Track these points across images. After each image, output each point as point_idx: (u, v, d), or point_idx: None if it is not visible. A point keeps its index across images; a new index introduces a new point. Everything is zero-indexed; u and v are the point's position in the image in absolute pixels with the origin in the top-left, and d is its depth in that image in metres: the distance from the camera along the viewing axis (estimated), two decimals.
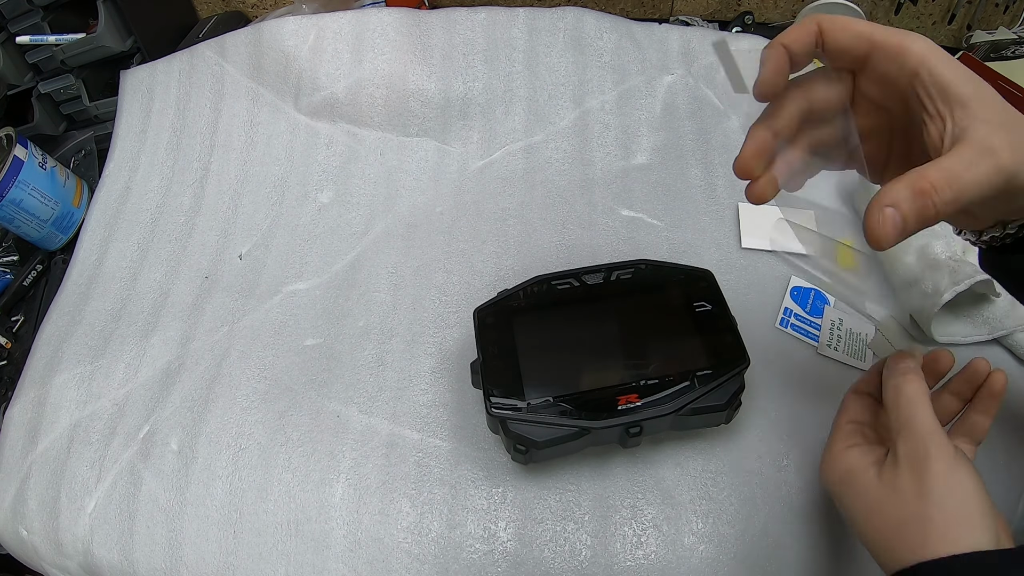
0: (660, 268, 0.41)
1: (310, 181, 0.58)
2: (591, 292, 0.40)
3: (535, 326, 0.39)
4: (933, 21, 0.76)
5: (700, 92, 0.60)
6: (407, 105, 0.59)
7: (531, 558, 0.39)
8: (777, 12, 0.78)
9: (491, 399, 0.36)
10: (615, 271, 0.41)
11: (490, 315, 0.40)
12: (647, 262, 0.41)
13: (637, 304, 0.40)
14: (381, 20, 0.60)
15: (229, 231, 0.56)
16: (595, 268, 0.41)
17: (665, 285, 0.41)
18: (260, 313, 0.51)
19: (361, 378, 0.46)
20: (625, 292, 0.40)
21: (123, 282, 0.54)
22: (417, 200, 0.57)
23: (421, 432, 0.43)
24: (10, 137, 0.57)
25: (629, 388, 0.37)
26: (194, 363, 0.48)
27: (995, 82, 0.64)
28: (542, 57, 0.60)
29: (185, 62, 0.63)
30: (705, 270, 0.41)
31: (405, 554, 0.39)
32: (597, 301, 0.40)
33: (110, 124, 0.64)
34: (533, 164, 0.58)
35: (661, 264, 0.41)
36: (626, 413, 0.36)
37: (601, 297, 0.40)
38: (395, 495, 0.41)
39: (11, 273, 0.62)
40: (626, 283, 0.40)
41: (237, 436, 0.44)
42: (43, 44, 0.66)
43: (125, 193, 0.59)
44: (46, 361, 0.50)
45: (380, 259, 0.53)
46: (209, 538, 0.41)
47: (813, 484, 0.40)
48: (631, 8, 0.78)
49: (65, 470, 0.44)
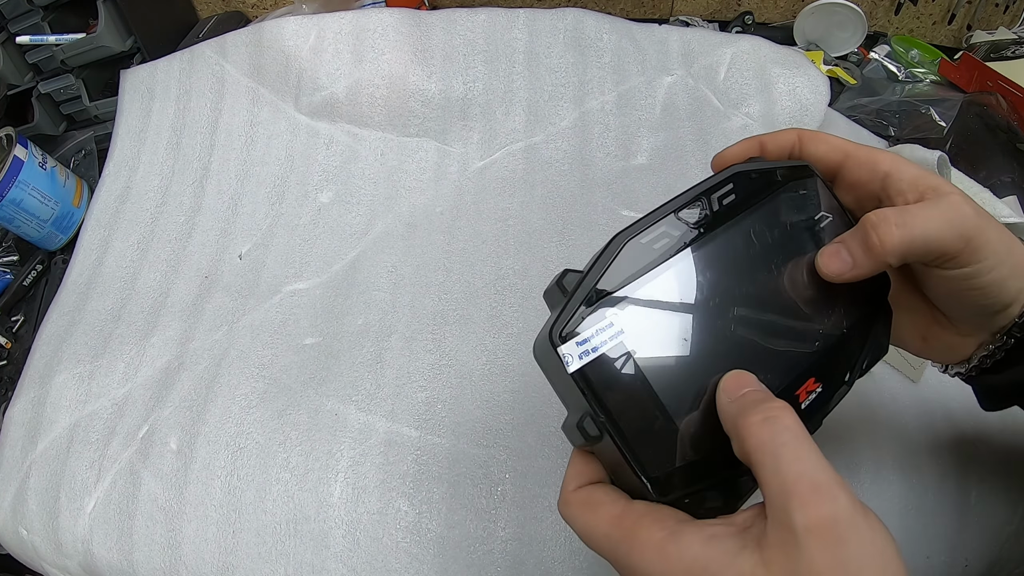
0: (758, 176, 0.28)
1: (310, 181, 0.58)
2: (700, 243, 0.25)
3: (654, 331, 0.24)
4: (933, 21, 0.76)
5: (700, 93, 0.60)
6: (407, 105, 0.59)
7: (531, 557, 0.39)
8: (777, 12, 0.78)
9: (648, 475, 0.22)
10: (713, 195, 0.26)
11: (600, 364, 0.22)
12: (739, 172, 0.27)
13: (763, 243, 0.27)
14: (381, 20, 0.60)
15: (229, 231, 0.56)
16: (686, 197, 0.26)
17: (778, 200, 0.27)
18: (260, 313, 0.51)
19: (359, 376, 0.46)
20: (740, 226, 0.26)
21: (123, 282, 0.54)
22: (417, 200, 0.57)
23: (420, 430, 0.43)
24: (10, 137, 0.57)
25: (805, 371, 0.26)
26: (193, 363, 0.48)
27: (995, 82, 0.64)
28: (542, 58, 0.60)
29: (185, 62, 0.63)
30: (803, 164, 0.29)
31: (404, 553, 0.39)
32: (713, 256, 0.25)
33: (110, 124, 0.64)
34: (533, 164, 0.58)
35: (755, 170, 0.28)
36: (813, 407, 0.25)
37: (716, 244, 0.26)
38: (393, 494, 0.41)
39: (11, 273, 0.62)
40: (734, 209, 0.26)
41: (236, 435, 0.44)
42: (43, 44, 0.66)
43: (125, 193, 0.59)
44: (46, 361, 0.50)
45: (380, 259, 0.53)
46: (208, 538, 0.41)
47: None
48: (631, 8, 0.78)
49: (65, 470, 0.44)
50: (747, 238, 0.26)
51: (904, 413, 0.42)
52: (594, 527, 0.22)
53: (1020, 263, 0.26)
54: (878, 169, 0.27)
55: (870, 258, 0.25)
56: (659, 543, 0.20)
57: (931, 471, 0.40)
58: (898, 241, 0.24)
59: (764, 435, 0.20)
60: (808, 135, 0.28)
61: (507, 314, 0.48)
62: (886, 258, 0.25)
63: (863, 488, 0.40)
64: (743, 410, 0.21)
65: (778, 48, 0.61)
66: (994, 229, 0.25)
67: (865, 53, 0.72)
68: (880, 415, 0.42)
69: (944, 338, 0.30)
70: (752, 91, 0.59)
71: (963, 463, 0.40)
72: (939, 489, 0.40)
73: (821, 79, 0.59)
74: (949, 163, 0.49)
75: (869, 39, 0.73)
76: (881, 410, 0.42)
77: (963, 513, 0.40)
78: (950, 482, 0.40)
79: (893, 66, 0.71)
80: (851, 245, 0.25)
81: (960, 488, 0.40)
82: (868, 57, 0.72)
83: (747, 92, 0.59)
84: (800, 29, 0.72)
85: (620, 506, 0.22)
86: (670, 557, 0.20)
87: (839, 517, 0.18)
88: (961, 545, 0.40)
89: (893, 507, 0.40)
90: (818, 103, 0.58)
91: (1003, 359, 0.28)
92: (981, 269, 0.25)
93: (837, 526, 0.18)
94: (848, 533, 0.18)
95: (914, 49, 0.72)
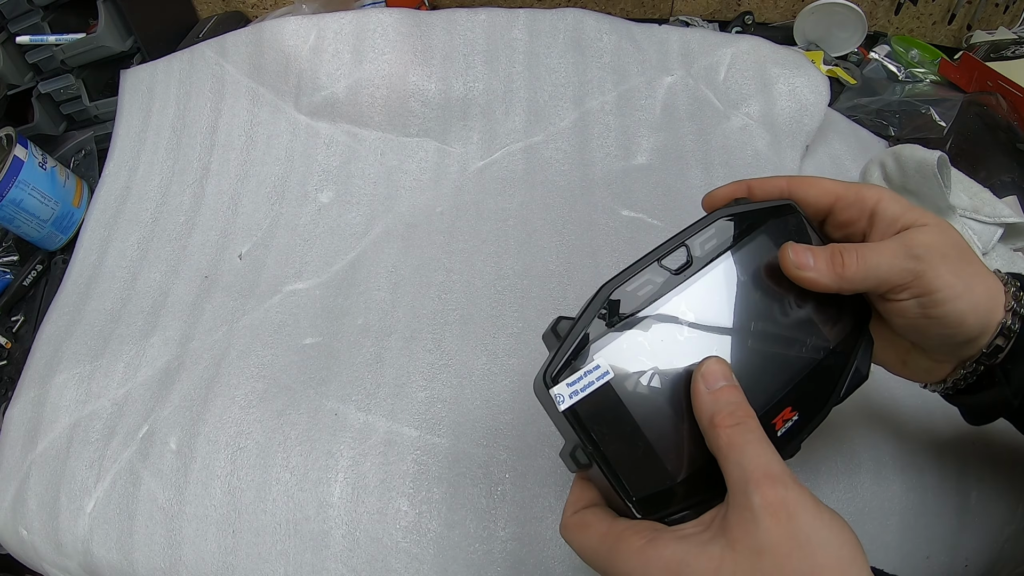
0: (742, 219, 0.29)
1: (310, 181, 0.58)
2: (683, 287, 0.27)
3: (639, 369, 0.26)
4: (933, 21, 0.76)
5: (700, 93, 0.60)
6: (407, 105, 0.59)
7: (531, 557, 0.39)
8: (777, 12, 0.78)
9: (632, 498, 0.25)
10: (695, 239, 0.28)
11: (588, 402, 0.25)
12: (720, 216, 0.29)
13: (744, 281, 0.28)
14: (381, 20, 0.60)
15: (229, 231, 0.56)
16: (668, 247, 0.28)
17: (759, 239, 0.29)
18: (259, 313, 0.51)
19: (359, 376, 0.46)
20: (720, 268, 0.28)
21: (123, 282, 0.54)
22: (417, 200, 0.57)
23: (419, 429, 0.43)
24: (10, 137, 0.57)
25: (781, 401, 0.27)
26: (193, 363, 0.48)
27: (995, 82, 0.64)
28: (542, 58, 0.60)
29: (185, 62, 0.63)
30: (787, 203, 0.30)
31: (404, 553, 0.39)
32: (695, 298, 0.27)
33: (110, 124, 0.64)
34: (533, 164, 0.58)
35: (739, 213, 0.29)
36: (788, 435, 0.27)
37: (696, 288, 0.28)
38: (393, 494, 0.41)
39: (11, 273, 0.62)
40: (715, 251, 0.28)
41: (236, 435, 0.44)
42: (43, 44, 0.66)
43: (125, 193, 0.59)
44: (46, 361, 0.50)
45: (380, 259, 0.53)
46: (208, 538, 0.41)
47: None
48: (631, 8, 0.78)
49: (64, 470, 0.44)
50: (728, 278, 0.28)
51: (904, 413, 0.42)
52: (586, 545, 0.25)
53: (980, 299, 0.28)
54: (865, 207, 0.29)
55: (829, 272, 0.27)
56: (639, 548, 0.23)
57: (931, 471, 0.40)
58: (854, 270, 0.27)
59: (734, 436, 0.24)
60: (797, 180, 0.30)
61: (507, 314, 0.48)
62: (843, 282, 0.27)
63: (863, 488, 0.40)
64: (718, 411, 0.24)
65: (778, 48, 0.61)
66: (951, 264, 0.27)
67: (865, 53, 0.72)
68: (880, 415, 0.42)
69: (921, 363, 0.32)
70: (752, 91, 0.59)
71: (963, 463, 0.40)
72: (939, 489, 0.40)
73: (821, 79, 0.59)
74: (949, 163, 0.49)
75: (869, 39, 0.73)
76: (881, 410, 0.42)
77: (963, 513, 0.40)
78: (950, 482, 0.40)
79: (893, 66, 0.71)
80: (817, 254, 0.28)
81: (960, 488, 0.40)
82: (868, 57, 0.72)
83: (747, 92, 0.59)
84: (800, 29, 0.72)
85: (607, 524, 0.25)
86: (650, 559, 0.23)
87: (789, 497, 0.22)
88: (961, 545, 0.40)
89: (893, 507, 0.40)
90: (818, 103, 0.58)
91: (975, 383, 0.31)
92: (934, 300, 0.27)
93: (788, 504, 0.22)
94: (797, 509, 0.22)
95: (914, 49, 0.72)
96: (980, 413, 0.32)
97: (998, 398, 0.30)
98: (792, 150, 0.58)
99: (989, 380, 0.30)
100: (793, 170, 0.57)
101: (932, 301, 0.28)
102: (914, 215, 0.28)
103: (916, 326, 0.29)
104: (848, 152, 0.61)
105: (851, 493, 0.40)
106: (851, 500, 0.40)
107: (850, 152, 0.61)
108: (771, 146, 0.58)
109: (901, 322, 0.29)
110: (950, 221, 0.48)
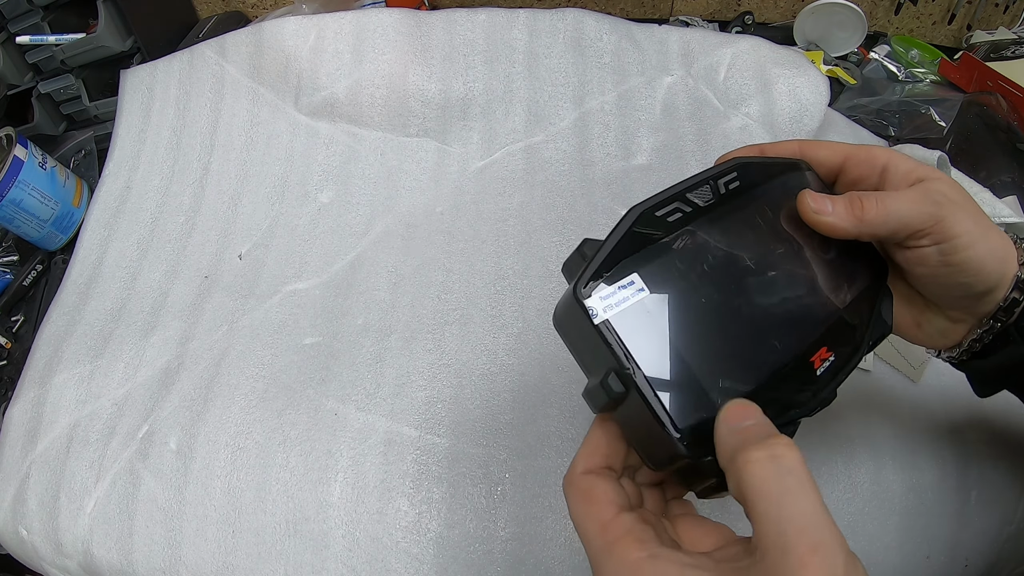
0: (759, 167, 0.30)
1: (310, 181, 0.58)
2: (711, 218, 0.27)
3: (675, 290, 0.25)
4: (933, 21, 0.76)
5: (700, 93, 0.60)
6: (407, 105, 0.59)
7: (531, 557, 0.39)
8: (777, 12, 0.78)
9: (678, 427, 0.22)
10: (720, 180, 0.28)
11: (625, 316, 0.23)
12: (741, 163, 0.29)
13: (768, 222, 0.28)
14: (381, 20, 0.60)
15: (229, 231, 0.56)
16: (694, 182, 0.28)
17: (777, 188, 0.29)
18: (259, 313, 0.51)
19: (359, 376, 0.46)
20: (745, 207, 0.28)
21: (123, 282, 0.54)
22: (417, 200, 0.57)
23: (419, 429, 0.43)
24: (10, 137, 0.57)
25: (818, 340, 0.26)
26: (193, 363, 0.48)
27: (995, 82, 0.64)
28: (542, 58, 0.60)
29: (185, 62, 0.63)
30: (796, 160, 0.31)
31: (404, 553, 0.39)
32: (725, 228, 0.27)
33: (110, 124, 0.64)
34: (533, 164, 0.58)
35: (755, 161, 0.30)
36: (827, 376, 0.26)
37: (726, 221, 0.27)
38: (393, 494, 0.41)
39: (11, 273, 0.62)
40: (739, 194, 0.28)
41: (236, 435, 0.44)
42: (43, 44, 0.66)
43: (125, 193, 0.59)
44: (46, 361, 0.50)
45: (380, 259, 0.53)
46: (208, 538, 0.41)
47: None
48: (631, 8, 0.78)
49: (64, 470, 0.44)
50: (753, 217, 0.28)
51: (904, 413, 0.42)
52: (582, 521, 0.22)
53: (997, 246, 0.28)
54: (876, 164, 0.29)
55: (848, 217, 0.27)
56: (635, 562, 0.20)
57: (931, 471, 0.40)
58: (874, 214, 0.27)
59: (767, 475, 0.19)
60: (808, 143, 0.31)
61: (507, 314, 0.48)
62: (862, 226, 0.27)
63: (863, 488, 0.40)
64: (745, 443, 0.20)
65: (778, 48, 0.61)
66: (969, 212, 0.27)
67: (865, 53, 0.72)
68: (880, 415, 0.42)
69: (936, 324, 0.31)
70: (752, 91, 0.59)
71: (963, 463, 0.40)
72: (939, 489, 0.40)
73: (821, 79, 0.59)
74: (949, 163, 0.49)
75: (869, 39, 0.73)
76: (881, 410, 0.42)
77: (963, 513, 0.40)
78: (950, 482, 0.40)
79: (893, 66, 0.71)
80: (835, 200, 0.28)
81: (960, 488, 0.40)
82: (868, 57, 0.72)
83: (747, 92, 0.59)
84: (800, 29, 0.72)
85: (611, 512, 0.22)
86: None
87: (830, 565, 0.18)
88: (961, 545, 0.40)
89: (893, 507, 0.40)
90: (818, 103, 0.58)
91: (990, 343, 0.30)
92: (955, 246, 0.27)
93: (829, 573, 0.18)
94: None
95: (914, 49, 0.72)
96: (991, 380, 0.31)
97: (1014, 357, 0.30)
98: None
99: (1003, 340, 0.30)
100: None
101: (952, 247, 0.27)
102: (926, 170, 0.29)
103: (936, 275, 0.29)
104: None
105: (851, 493, 0.40)
106: (851, 500, 0.40)
107: None
108: None
109: (921, 271, 0.29)
110: None
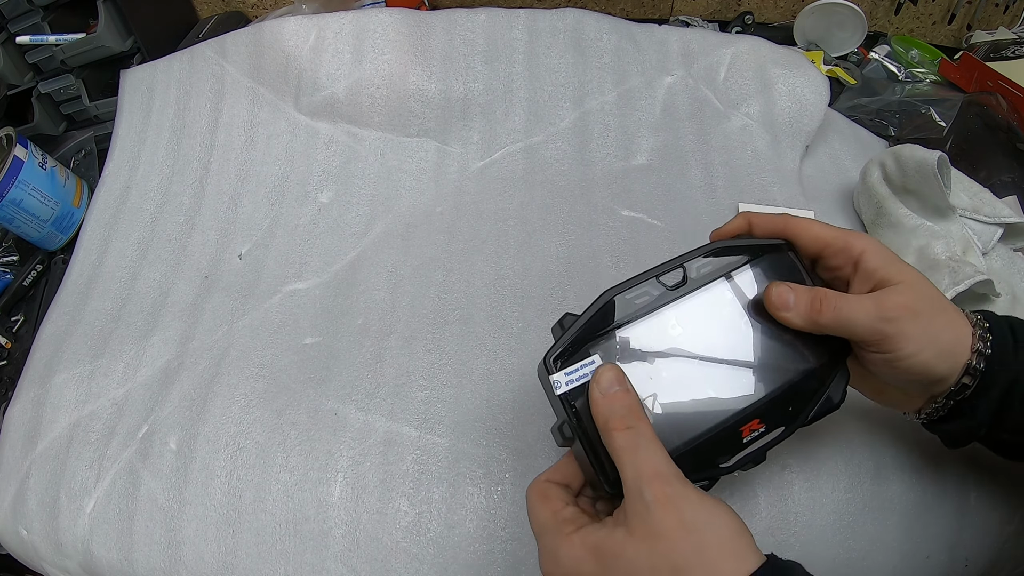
0: (740, 251, 0.33)
1: (310, 181, 0.58)
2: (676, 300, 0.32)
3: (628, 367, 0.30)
4: (933, 21, 0.76)
5: (700, 93, 0.60)
6: (407, 105, 0.59)
7: (531, 557, 0.39)
8: (777, 12, 0.78)
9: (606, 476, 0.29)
10: (693, 262, 0.32)
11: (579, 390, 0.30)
12: (719, 247, 0.33)
13: (732, 303, 0.32)
14: (381, 20, 0.60)
15: (229, 231, 0.56)
16: (669, 265, 0.32)
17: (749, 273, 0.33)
18: (259, 313, 0.51)
19: (359, 376, 0.46)
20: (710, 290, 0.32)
21: (123, 282, 0.54)
22: (417, 200, 0.57)
23: (419, 429, 0.43)
24: (10, 137, 0.57)
25: (750, 413, 0.30)
26: (193, 363, 0.48)
27: (995, 82, 0.64)
28: (542, 58, 0.60)
29: (185, 62, 0.63)
30: (782, 242, 0.34)
31: (404, 553, 0.39)
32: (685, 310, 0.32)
33: (110, 124, 0.64)
34: (533, 165, 0.58)
35: (734, 246, 0.33)
36: (752, 442, 0.30)
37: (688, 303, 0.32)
38: (393, 494, 0.41)
39: (11, 273, 0.62)
40: (709, 277, 0.32)
41: (236, 435, 0.44)
42: (43, 44, 0.66)
43: (125, 193, 0.59)
44: (46, 361, 0.50)
45: (380, 259, 0.53)
46: (208, 538, 0.41)
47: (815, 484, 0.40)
48: (631, 8, 0.78)
49: (64, 470, 0.44)
50: (716, 300, 0.32)
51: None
52: (537, 513, 0.29)
53: (945, 347, 0.30)
54: (852, 255, 0.32)
55: (807, 315, 0.30)
56: (569, 534, 0.28)
57: (931, 471, 0.40)
58: (829, 319, 0.30)
59: (628, 440, 0.27)
60: (793, 222, 0.33)
61: (507, 314, 0.48)
62: (817, 327, 0.31)
63: (863, 488, 0.40)
64: (612, 415, 0.28)
65: (778, 48, 0.61)
66: (921, 319, 0.30)
67: (865, 53, 0.72)
68: (880, 415, 0.42)
69: (895, 395, 0.35)
70: (752, 91, 0.59)
71: (963, 464, 0.40)
72: (939, 489, 0.40)
73: (821, 79, 0.59)
74: (949, 163, 0.49)
75: (869, 39, 0.73)
76: (881, 410, 0.42)
77: (963, 513, 0.40)
78: (950, 482, 0.40)
79: (893, 66, 0.71)
80: (799, 295, 0.31)
81: (960, 488, 0.40)
82: (868, 57, 0.72)
83: (747, 92, 0.59)
84: (800, 29, 0.72)
85: (560, 504, 0.29)
86: (574, 543, 0.27)
87: (675, 492, 0.26)
88: (961, 545, 0.40)
89: (893, 507, 0.40)
90: (818, 103, 0.58)
91: (948, 414, 0.33)
92: (899, 356, 0.30)
93: (675, 498, 0.26)
94: (683, 502, 0.26)
95: (914, 49, 0.72)
96: (957, 439, 0.34)
97: (970, 427, 0.32)
98: (792, 150, 0.58)
99: (958, 414, 0.32)
100: (793, 170, 0.57)
101: (896, 358, 0.30)
102: (891, 271, 0.31)
103: (884, 372, 0.32)
104: (848, 152, 0.61)
105: (851, 493, 0.40)
106: (851, 500, 0.40)
107: (850, 152, 0.61)
108: (771, 146, 0.58)
109: (874, 366, 0.32)
110: (950, 221, 0.49)
